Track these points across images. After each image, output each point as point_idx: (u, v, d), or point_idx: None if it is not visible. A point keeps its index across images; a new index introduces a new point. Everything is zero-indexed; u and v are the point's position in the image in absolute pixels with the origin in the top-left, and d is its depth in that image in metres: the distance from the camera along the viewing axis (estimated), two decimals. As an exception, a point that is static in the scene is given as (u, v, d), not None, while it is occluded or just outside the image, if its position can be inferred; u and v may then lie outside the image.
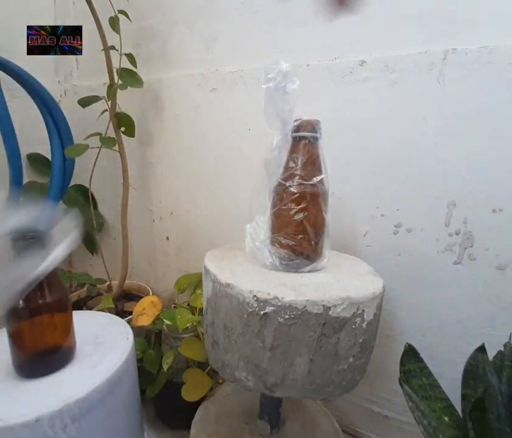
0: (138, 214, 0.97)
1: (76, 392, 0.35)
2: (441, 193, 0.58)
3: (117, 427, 0.42)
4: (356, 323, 0.40)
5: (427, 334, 0.63)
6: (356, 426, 0.75)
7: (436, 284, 0.61)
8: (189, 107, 0.81)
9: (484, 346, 0.46)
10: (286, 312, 0.38)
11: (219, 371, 0.46)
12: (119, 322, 0.52)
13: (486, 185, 0.55)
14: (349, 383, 0.43)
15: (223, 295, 0.42)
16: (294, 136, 0.46)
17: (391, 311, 0.66)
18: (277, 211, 0.47)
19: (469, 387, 0.45)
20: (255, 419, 0.59)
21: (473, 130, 0.54)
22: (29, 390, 0.36)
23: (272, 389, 0.41)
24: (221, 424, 0.60)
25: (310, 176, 0.45)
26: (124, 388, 0.43)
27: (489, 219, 0.55)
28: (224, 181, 0.81)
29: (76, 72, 0.97)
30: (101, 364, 0.40)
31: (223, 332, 0.43)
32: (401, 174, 0.61)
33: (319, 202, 0.46)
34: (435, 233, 0.60)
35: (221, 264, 0.48)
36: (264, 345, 0.40)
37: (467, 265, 0.58)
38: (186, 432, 0.60)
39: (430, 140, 0.58)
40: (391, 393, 0.69)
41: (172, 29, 0.80)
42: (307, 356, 0.39)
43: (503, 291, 0.56)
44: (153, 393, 0.69)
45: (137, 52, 0.80)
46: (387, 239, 0.64)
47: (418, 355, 0.49)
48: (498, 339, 0.48)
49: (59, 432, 0.33)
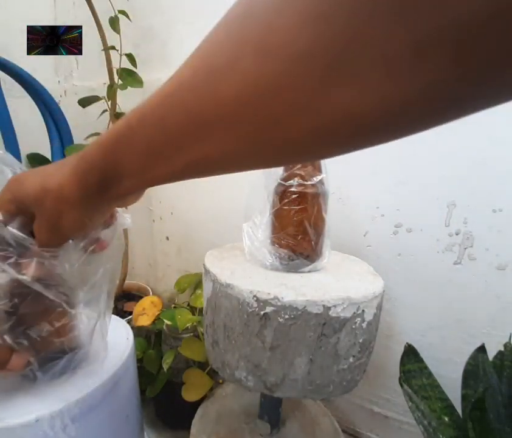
0: (138, 214, 0.97)
1: (76, 392, 0.35)
2: (441, 193, 0.58)
3: (117, 427, 0.42)
4: (356, 323, 0.40)
5: (427, 334, 0.63)
6: (356, 426, 0.75)
7: (436, 284, 0.61)
8: (189, 107, 0.81)
9: (484, 346, 0.46)
10: (286, 312, 0.38)
11: (219, 371, 0.46)
12: (119, 322, 0.52)
13: (486, 185, 0.55)
14: (349, 383, 0.43)
15: (223, 295, 0.42)
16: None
17: (391, 311, 0.66)
18: (277, 211, 0.47)
19: (469, 387, 0.45)
20: (255, 419, 0.59)
21: (474, 130, 0.54)
22: (29, 390, 0.35)
23: (272, 389, 0.41)
24: (221, 424, 0.60)
25: (310, 176, 0.45)
26: (124, 388, 0.43)
27: (489, 219, 0.55)
28: (224, 181, 0.81)
29: (76, 72, 0.97)
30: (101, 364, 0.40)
31: (223, 332, 0.43)
32: (401, 174, 0.61)
33: (319, 202, 0.46)
34: (435, 233, 0.60)
35: (221, 264, 0.48)
36: (264, 345, 0.40)
37: (467, 265, 0.58)
38: (186, 432, 0.60)
39: (430, 139, 0.58)
40: (391, 393, 0.69)
41: (172, 29, 0.80)
42: (307, 356, 0.39)
43: (503, 291, 0.56)
44: (153, 393, 0.69)
45: (137, 52, 0.80)
46: (387, 239, 0.64)
47: (418, 355, 0.49)
48: (498, 339, 0.48)
49: (59, 433, 0.33)
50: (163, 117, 0.16)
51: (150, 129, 0.17)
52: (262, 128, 0.14)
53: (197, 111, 0.15)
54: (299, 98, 0.13)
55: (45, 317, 0.34)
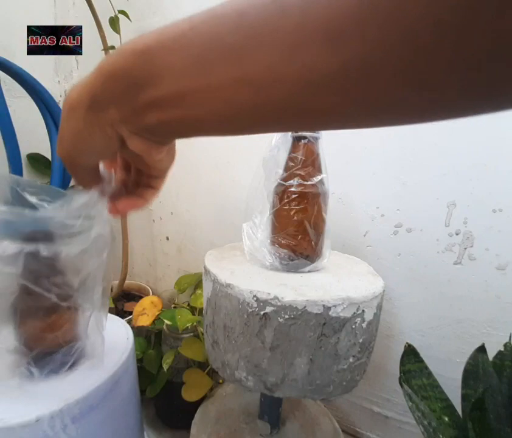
0: (138, 214, 0.97)
1: (76, 392, 0.35)
2: (441, 193, 0.58)
3: (117, 427, 0.42)
4: (356, 323, 0.40)
5: (427, 334, 0.63)
6: (356, 426, 0.75)
7: (436, 284, 0.61)
8: (189, 107, 0.81)
9: (484, 346, 0.46)
10: (286, 312, 0.38)
11: (219, 372, 0.46)
12: (119, 322, 0.52)
13: (486, 185, 0.55)
14: (349, 383, 0.43)
15: (223, 296, 0.42)
16: (294, 136, 0.46)
17: (391, 311, 0.66)
18: (277, 211, 0.47)
19: (469, 387, 0.45)
20: (255, 419, 0.59)
21: (474, 130, 0.54)
22: (29, 390, 0.35)
23: (272, 389, 0.41)
24: (221, 424, 0.60)
25: (310, 176, 0.45)
26: (124, 388, 0.43)
27: (489, 219, 0.55)
28: (224, 181, 0.81)
29: (76, 72, 0.97)
30: (101, 364, 0.40)
31: (223, 332, 0.43)
32: (401, 174, 0.61)
33: (319, 202, 0.46)
34: (435, 233, 0.60)
35: (221, 264, 0.48)
36: (264, 345, 0.40)
37: (467, 265, 0.58)
38: (186, 432, 0.60)
39: (430, 139, 0.58)
40: (391, 393, 0.69)
41: (172, 29, 0.80)
42: (307, 356, 0.39)
43: (503, 291, 0.56)
44: (153, 393, 0.69)
45: (137, 52, 0.80)
46: (387, 239, 0.64)
47: (418, 355, 0.49)
48: (498, 339, 0.48)
49: (59, 433, 0.33)
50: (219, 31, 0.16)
51: (206, 36, 0.16)
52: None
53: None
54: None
55: (37, 313, 0.34)
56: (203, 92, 0.17)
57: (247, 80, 0.15)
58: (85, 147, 0.22)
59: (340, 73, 0.14)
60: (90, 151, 0.22)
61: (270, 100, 0.15)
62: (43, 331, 0.37)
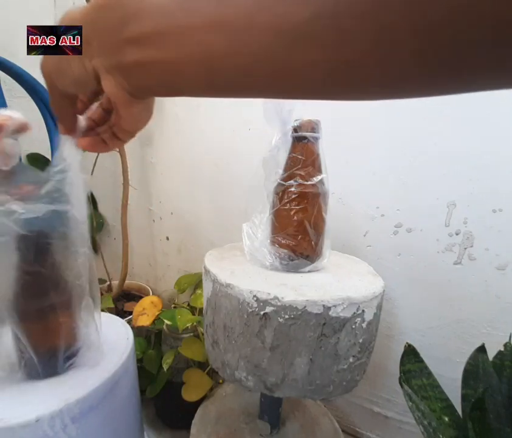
0: (138, 214, 0.97)
1: (76, 392, 0.35)
2: (441, 193, 0.58)
3: (117, 427, 0.42)
4: (356, 323, 0.40)
5: (427, 334, 0.63)
6: (356, 426, 0.75)
7: (436, 284, 0.61)
8: (189, 107, 0.81)
9: (484, 346, 0.46)
10: (286, 312, 0.38)
11: (219, 372, 0.46)
12: (119, 322, 0.52)
13: (486, 185, 0.55)
14: (349, 383, 0.43)
15: (223, 295, 0.42)
16: (294, 136, 0.46)
17: (391, 311, 0.66)
18: (277, 211, 0.47)
19: (469, 387, 0.45)
20: (255, 419, 0.59)
21: (474, 130, 0.54)
22: (29, 390, 0.36)
23: (272, 389, 0.41)
24: (221, 424, 0.60)
25: (310, 176, 0.45)
26: (124, 388, 0.43)
27: (489, 219, 0.55)
28: (224, 181, 0.81)
29: (76, 72, 0.97)
30: (101, 364, 0.40)
31: (223, 332, 0.43)
32: (401, 174, 0.61)
33: (319, 202, 0.46)
34: (435, 233, 0.60)
35: (221, 264, 0.47)
36: (264, 345, 0.40)
37: (467, 265, 0.58)
38: (186, 432, 0.60)
39: (430, 139, 0.58)
40: (391, 393, 0.69)
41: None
42: (307, 356, 0.39)
43: (503, 291, 0.56)
44: (153, 393, 0.69)
45: (137, 52, 0.80)
46: (387, 239, 0.64)
47: (418, 355, 0.49)
48: (498, 339, 0.48)
49: (59, 432, 0.33)
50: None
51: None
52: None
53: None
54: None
55: (37, 313, 0.35)
56: (182, 35, 0.17)
57: (225, 24, 0.16)
58: (63, 73, 0.24)
59: (312, 23, 0.14)
60: (66, 79, 0.24)
61: (245, 50, 0.16)
62: (43, 331, 0.37)
